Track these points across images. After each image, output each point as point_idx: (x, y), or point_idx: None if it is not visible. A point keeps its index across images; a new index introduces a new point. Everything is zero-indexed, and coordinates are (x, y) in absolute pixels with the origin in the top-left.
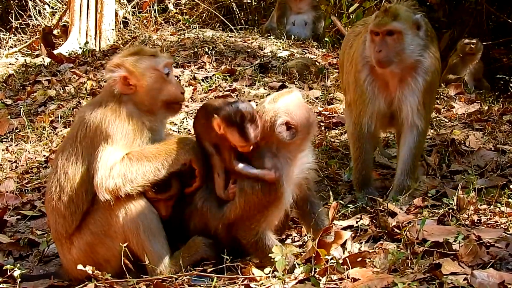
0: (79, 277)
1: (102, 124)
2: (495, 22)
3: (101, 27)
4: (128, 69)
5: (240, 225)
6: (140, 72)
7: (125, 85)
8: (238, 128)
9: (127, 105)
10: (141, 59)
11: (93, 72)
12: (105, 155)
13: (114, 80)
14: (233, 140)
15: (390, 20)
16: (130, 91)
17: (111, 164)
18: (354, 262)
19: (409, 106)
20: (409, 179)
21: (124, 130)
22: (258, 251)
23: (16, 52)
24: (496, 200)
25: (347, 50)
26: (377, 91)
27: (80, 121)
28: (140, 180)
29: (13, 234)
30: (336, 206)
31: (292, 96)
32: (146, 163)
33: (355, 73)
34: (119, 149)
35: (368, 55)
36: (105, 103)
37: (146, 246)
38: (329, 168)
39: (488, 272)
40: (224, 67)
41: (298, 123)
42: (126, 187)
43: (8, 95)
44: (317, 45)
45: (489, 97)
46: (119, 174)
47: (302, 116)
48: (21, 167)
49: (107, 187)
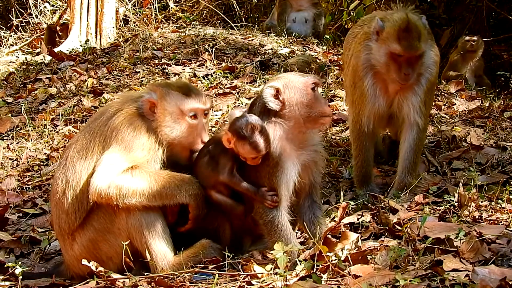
0: (81, 274)
1: (122, 128)
2: (495, 18)
3: (102, 24)
4: (159, 97)
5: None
6: (164, 105)
7: (151, 110)
8: (248, 140)
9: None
10: (173, 93)
11: (94, 70)
12: (111, 159)
13: (143, 100)
14: (243, 152)
15: (417, 42)
16: (152, 117)
17: (113, 172)
18: (355, 259)
19: (411, 105)
20: (410, 176)
21: (140, 143)
22: (272, 232)
23: (16, 50)
24: (497, 196)
25: (346, 52)
26: (378, 93)
27: (102, 117)
28: (132, 199)
29: (15, 232)
30: (345, 207)
31: (302, 79)
32: (146, 186)
33: (356, 77)
34: (127, 159)
35: (381, 67)
36: (132, 111)
37: (149, 244)
38: (330, 165)
39: (489, 268)
40: (225, 64)
41: (288, 99)
42: (117, 200)
43: (9, 93)
44: (318, 42)
45: (490, 94)
46: (116, 186)
47: (297, 96)
48: (22, 165)
49: (100, 193)
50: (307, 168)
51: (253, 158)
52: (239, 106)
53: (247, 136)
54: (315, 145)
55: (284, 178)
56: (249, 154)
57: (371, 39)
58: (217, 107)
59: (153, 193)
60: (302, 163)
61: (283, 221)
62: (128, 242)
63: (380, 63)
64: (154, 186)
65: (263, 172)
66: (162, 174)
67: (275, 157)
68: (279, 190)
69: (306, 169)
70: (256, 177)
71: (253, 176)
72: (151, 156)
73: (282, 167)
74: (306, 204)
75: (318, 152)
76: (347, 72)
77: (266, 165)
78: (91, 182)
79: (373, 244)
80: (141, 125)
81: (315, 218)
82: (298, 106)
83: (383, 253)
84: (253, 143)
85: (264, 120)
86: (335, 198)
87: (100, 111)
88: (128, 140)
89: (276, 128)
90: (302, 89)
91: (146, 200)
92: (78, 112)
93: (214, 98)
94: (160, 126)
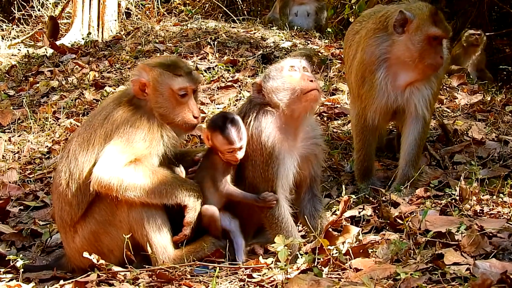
0: (82, 266)
1: (124, 121)
2: (497, 12)
3: (104, 18)
4: (148, 77)
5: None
6: (155, 85)
7: (141, 90)
8: (220, 130)
9: (151, 112)
10: (163, 73)
11: (96, 63)
12: (114, 151)
13: (132, 81)
14: (219, 145)
15: (448, 24)
16: (143, 97)
17: (116, 163)
18: (356, 253)
19: (421, 97)
20: (413, 170)
21: (143, 135)
22: (273, 225)
23: (18, 43)
24: (498, 190)
25: (347, 49)
26: (389, 87)
27: (103, 111)
28: (132, 193)
29: (16, 224)
30: (347, 200)
31: (278, 65)
32: (147, 182)
33: (366, 71)
34: (129, 151)
35: (408, 55)
36: (131, 101)
37: (150, 237)
38: (332, 159)
39: (490, 262)
40: (227, 57)
41: (268, 88)
42: (117, 192)
43: (10, 86)
44: (320, 35)
45: (491, 88)
46: (118, 177)
47: (272, 82)
48: (24, 157)
49: (100, 181)
50: (307, 160)
51: (228, 151)
52: (241, 99)
53: (219, 126)
54: (316, 138)
55: (281, 169)
56: (223, 146)
57: (389, 33)
58: (218, 101)
59: (153, 190)
60: (301, 156)
61: (283, 214)
62: (130, 235)
63: (413, 52)
64: (155, 183)
65: (258, 166)
66: (165, 172)
67: (268, 147)
68: (276, 182)
69: (306, 161)
70: (253, 171)
71: (249, 170)
72: (154, 147)
73: (277, 158)
74: (306, 197)
75: (318, 145)
76: (351, 68)
77: (260, 155)
78: (93, 171)
79: (374, 238)
80: (141, 116)
81: (315, 212)
82: (276, 91)
83: (384, 247)
84: (225, 133)
85: (254, 112)
86: (337, 192)
87: (102, 104)
88: (130, 132)
89: (267, 116)
90: (277, 74)
91: (145, 195)
92: (80, 105)
93: (216, 92)
94: (153, 105)
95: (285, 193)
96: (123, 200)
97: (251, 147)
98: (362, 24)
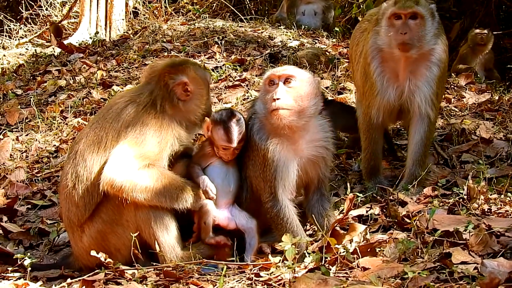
0: (90, 265)
1: (138, 122)
2: (505, 11)
3: (111, 17)
4: (190, 75)
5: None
6: (198, 80)
7: (184, 91)
8: (223, 125)
9: (169, 113)
10: (198, 68)
11: (103, 62)
12: (128, 152)
13: (174, 85)
14: (217, 139)
15: (414, 3)
16: (187, 97)
17: (130, 166)
18: (364, 252)
19: (423, 96)
20: (421, 169)
21: (156, 137)
22: (278, 225)
23: (26, 43)
24: (506, 189)
25: (354, 47)
26: (387, 83)
27: (113, 111)
28: (143, 195)
29: (24, 223)
30: (352, 198)
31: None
32: (159, 185)
33: (365, 66)
34: (144, 154)
35: (384, 41)
36: (147, 103)
37: (157, 237)
38: (340, 158)
39: (498, 261)
40: (234, 57)
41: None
42: (127, 194)
43: (18, 85)
44: (327, 34)
45: (499, 87)
46: (132, 180)
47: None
48: (32, 156)
49: (112, 183)
50: (315, 164)
51: (224, 148)
52: (248, 98)
53: (224, 121)
54: (324, 140)
55: (279, 171)
56: (220, 141)
57: (378, 26)
58: (226, 100)
59: (164, 194)
60: (307, 158)
61: (288, 214)
62: (137, 234)
63: (384, 38)
64: (166, 187)
65: (257, 166)
66: (174, 176)
67: (262, 149)
68: (274, 183)
69: (314, 164)
70: (254, 171)
71: (250, 170)
72: (167, 149)
73: (273, 161)
74: (315, 197)
75: (326, 148)
76: (357, 66)
77: (257, 156)
78: (104, 172)
79: (381, 237)
80: (162, 120)
81: (323, 210)
82: (259, 101)
83: (392, 246)
84: (227, 129)
85: (253, 113)
86: (344, 191)
87: (109, 104)
88: (144, 133)
89: (262, 120)
90: (261, 85)
91: (156, 199)
92: (87, 104)
93: (224, 91)
94: (194, 100)
95: (288, 194)
96: (131, 201)
97: (251, 148)
98: (370, 23)
